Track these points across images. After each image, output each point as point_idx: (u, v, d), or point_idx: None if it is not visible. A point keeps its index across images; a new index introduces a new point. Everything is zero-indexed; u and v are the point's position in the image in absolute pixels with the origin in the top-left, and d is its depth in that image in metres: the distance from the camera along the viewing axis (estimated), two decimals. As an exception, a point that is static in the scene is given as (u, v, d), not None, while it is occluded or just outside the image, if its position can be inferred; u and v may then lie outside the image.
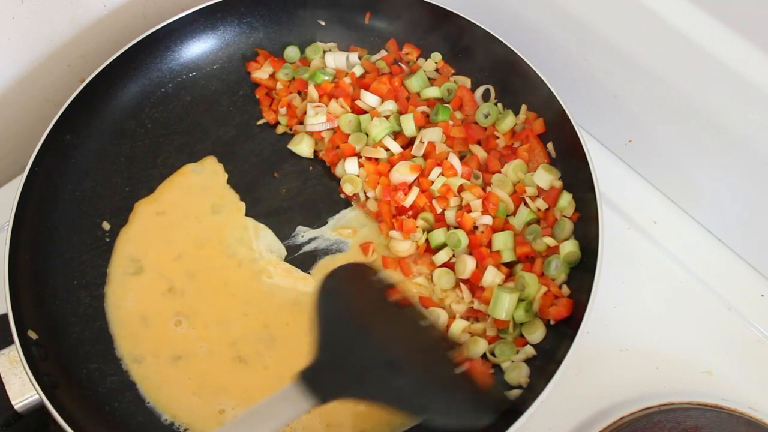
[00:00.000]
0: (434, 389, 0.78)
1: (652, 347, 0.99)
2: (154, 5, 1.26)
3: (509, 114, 1.06)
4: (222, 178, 1.10)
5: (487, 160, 1.05)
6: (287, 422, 0.69)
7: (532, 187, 1.01)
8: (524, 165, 1.03)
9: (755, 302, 1.03)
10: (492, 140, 1.07)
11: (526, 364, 0.91)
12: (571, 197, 0.98)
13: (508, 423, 0.81)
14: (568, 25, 1.06)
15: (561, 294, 0.93)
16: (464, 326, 0.95)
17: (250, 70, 1.19)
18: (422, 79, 1.12)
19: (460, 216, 0.98)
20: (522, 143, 1.05)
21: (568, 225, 0.96)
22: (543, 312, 0.92)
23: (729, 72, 0.87)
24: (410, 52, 1.17)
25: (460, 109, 1.11)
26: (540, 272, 0.94)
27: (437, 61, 1.16)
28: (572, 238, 0.96)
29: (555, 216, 0.99)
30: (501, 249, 0.96)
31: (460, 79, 1.14)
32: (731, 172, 0.99)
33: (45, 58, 1.17)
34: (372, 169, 1.04)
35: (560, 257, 0.94)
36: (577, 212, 0.97)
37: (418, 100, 1.11)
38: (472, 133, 1.06)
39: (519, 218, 0.99)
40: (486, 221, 0.98)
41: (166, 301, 0.99)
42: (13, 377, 0.85)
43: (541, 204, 0.99)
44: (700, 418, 0.90)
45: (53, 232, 1.03)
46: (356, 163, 1.06)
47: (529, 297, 0.92)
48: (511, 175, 1.02)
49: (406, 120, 1.06)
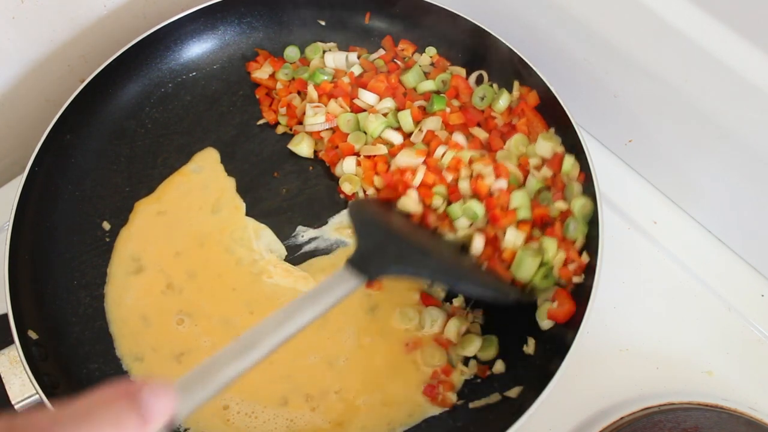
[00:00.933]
0: (463, 270, 0.91)
1: (652, 347, 0.99)
2: (154, 5, 1.26)
3: (504, 92, 1.07)
4: (222, 178, 1.10)
5: (489, 140, 1.06)
6: (343, 297, 0.74)
7: (535, 158, 1.01)
8: (525, 138, 1.04)
9: (755, 302, 1.03)
10: (491, 121, 1.08)
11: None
12: (574, 158, 0.99)
13: (508, 423, 0.82)
14: (569, 25, 1.06)
15: (579, 259, 0.93)
16: (460, 325, 0.95)
17: (250, 70, 1.19)
18: (418, 74, 1.13)
19: (475, 182, 0.98)
20: (519, 118, 1.06)
21: (576, 186, 0.97)
22: (563, 270, 0.93)
23: (729, 72, 0.87)
24: (406, 48, 1.17)
25: (456, 97, 1.11)
26: (561, 235, 0.94)
27: (432, 55, 1.16)
28: (582, 195, 0.96)
29: (563, 180, 0.99)
30: (518, 206, 0.96)
31: (455, 69, 1.14)
32: (731, 172, 0.99)
33: (45, 58, 1.17)
34: (369, 166, 1.04)
35: (575, 215, 0.94)
36: (582, 172, 0.98)
37: (415, 95, 1.12)
38: (470, 116, 1.07)
39: (529, 187, 0.99)
40: (501, 185, 0.97)
41: (167, 299, 1.00)
42: (13, 377, 0.85)
43: (546, 172, 1.00)
44: (700, 418, 0.90)
45: (53, 232, 1.03)
46: (354, 162, 1.06)
47: (549, 262, 0.93)
48: (513, 149, 1.03)
49: (403, 116, 1.07)
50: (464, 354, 0.94)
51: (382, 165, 1.04)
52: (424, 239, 0.95)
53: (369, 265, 0.78)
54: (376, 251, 0.83)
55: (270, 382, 0.94)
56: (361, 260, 0.79)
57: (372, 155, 1.06)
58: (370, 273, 0.78)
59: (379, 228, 0.92)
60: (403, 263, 0.84)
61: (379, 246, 0.84)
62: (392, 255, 0.84)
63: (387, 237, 0.89)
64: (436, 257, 0.90)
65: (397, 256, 0.84)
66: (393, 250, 0.85)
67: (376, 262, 0.81)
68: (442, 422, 0.91)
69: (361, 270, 0.77)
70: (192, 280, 1.01)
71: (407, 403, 0.93)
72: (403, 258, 0.85)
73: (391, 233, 0.91)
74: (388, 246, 0.86)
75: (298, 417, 0.92)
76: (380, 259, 0.82)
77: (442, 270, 0.88)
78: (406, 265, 0.84)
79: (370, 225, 0.91)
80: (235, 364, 0.58)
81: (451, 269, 0.90)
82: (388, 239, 0.88)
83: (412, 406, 0.92)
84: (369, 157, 1.06)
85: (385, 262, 0.82)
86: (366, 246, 0.84)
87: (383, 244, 0.86)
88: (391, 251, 0.85)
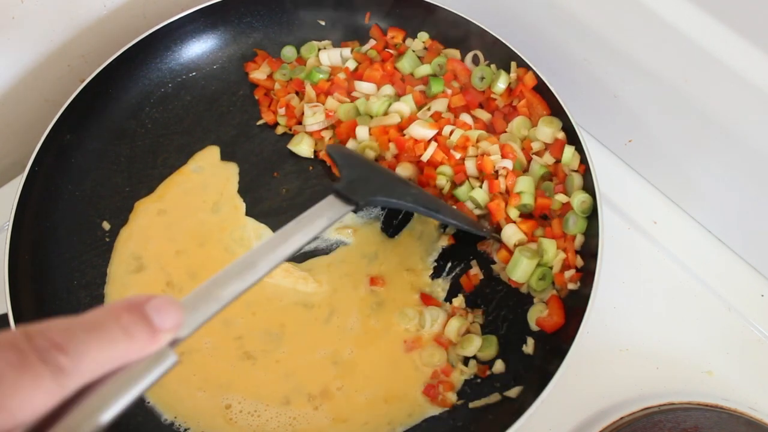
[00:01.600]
0: (441, 202, 0.98)
1: (652, 347, 0.99)
2: (154, 5, 1.25)
3: (501, 73, 1.07)
4: (223, 178, 1.10)
5: (492, 121, 1.07)
6: (333, 221, 0.78)
7: (538, 142, 1.02)
8: (527, 120, 1.05)
9: (755, 302, 1.03)
10: (492, 102, 1.09)
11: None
12: (574, 149, 0.99)
13: (508, 423, 0.82)
14: (569, 25, 1.06)
15: (576, 260, 0.94)
16: (460, 325, 0.95)
17: (249, 71, 1.19)
18: (412, 59, 1.13)
19: (480, 159, 0.99)
20: (520, 99, 1.06)
21: (576, 178, 0.98)
22: (558, 276, 0.94)
23: (729, 72, 0.87)
24: (395, 36, 1.18)
25: (455, 79, 1.12)
26: (560, 233, 0.96)
27: (424, 40, 1.16)
28: (582, 189, 0.97)
29: (563, 171, 1.00)
30: (523, 191, 0.97)
31: (448, 52, 1.15)
32: (731, 172, 0.99)
33: (45, 58, 1.17)
34: (381, 131, 1.05)
35: (575, 210, 0.95)
36: (582, 164, 0.98)
37: (414, 80, 1.12)
38: (471, 98, 1.08)
39: (533, 173, 1.01)
40: (506, 164, 0.99)
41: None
42: (13, 377, 0.85)
43: (549, 158, 1.00)
44: (700, 418, 0.90)
45: (53, 232, 1.03)
46: (367, 131, 1.06)
47: (547, 263, 0.94)
48: (516, 132, 1.04)
49: (406, 101, 1.08)
50: (464, 354, 0.94)
51: (395, 132, 1.04)
52: (401, 177, 1.01)
53: (355, 193, 0.82)
54: (361, 181, 0.87)
55: (272, 381, 0.94)
56: (347, 189, 0.82)
57: (385, 125, 1.05)
58: (356, 200, 0.81)
59: (361, 163, 0.98)
60: (386, 191, 0.89)
61: (363, 177, 0.89)
62: (376, 184, 0.89)
63: (369, 170, 0.95)
64: (420, 188, 0.97)
65: (381, 185, 0.90)
66: (377, 180, 0.91)
67: (362, 191, 0.84)
68: (442, 422, 0.91)
69: (347, 198, 0.81)
70: (192, 279, 1.01)
71: (407, 402, 0.93)
72: (386, 186, 0.91)
73: (372, 167, 0.98)
74: (372, 177, 0.92)
75: (300, 416, 0.92)
76: (365, 187, 0.86)
77: (423, 199, 0.93)
78: (390, 194, 0.89)
79: (352, 159, 0.97)
80: (235, 283, 0.59)
81: (431, 200, 0.96)
82: (371, 172, 0.95)
83: (412, 406, 0.92)
84: (382, 128, 1.05)
85: (370, 191, 0.86)
86: (351, 176, 0.88)
87: (367, 175, 0.91)
88: (375, 181, 0.90)
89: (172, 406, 0.92)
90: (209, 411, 0.92)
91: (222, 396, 0.93)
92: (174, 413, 0.92)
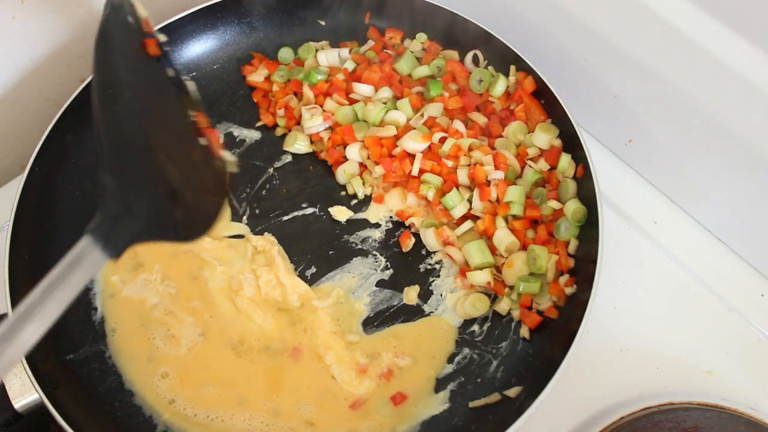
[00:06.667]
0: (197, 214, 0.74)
1: (652, 347, 0.99)
2: (154, 5, 1.25)
3: (500, 77, 1.07)
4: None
5: (488, 125, 1.07)
6: (86, 282, 0.62)
7: (534, 148, 1.02)
8: (524, 126, 1.05)
9: (755, 302, 1.03)
10: (489, 105, 1.08)
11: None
12: (570, 158, 0.99)
13: (508, 423, 0.82)
14: (568, 25, 1.06)
15: (568, 263, 0.95)
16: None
17: (245, 74, 1.18)
18: (410, 60, 1.13)
19: (473, 168, 0.99)
20: (517, 104, 1.06)
21: (571, 185, 0.98)
22: (553, 286, 0.94)
23: (729, 72, 0.87)
24: (393, 36, 1.17)
25: (453, 81, 1.11)
26: (550, 239, 0.96)
27: (423, 41, 1.16)
28: (576, 197, 0.97)
29: (558, 178, 1.00)
30: (513, 200, 0.97)
31: (447, 54, 1.14)
32: (731, 172, 0.99)
33: (45, 58, 1.17)
34: (375, 142, 1.05)
35: (567, 217, 0.95)
36: (582, 165, 0.98)
37: (412, 82, 1.12)
38: (469, 101, 1.08)
39: (525, 179, 1.01)
40: (498, 175, 0.99)
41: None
42: (13, 377, 0.85)
43: (543, 165, 1.01)
44: (700, 418, 0.90)
45: (53, 232, 1.03)
46: (357, 149, 1.06)
47: (541, 269, 0.94)
48: (512, 137, 1.04)
49: (402, 105, 1.07)
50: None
51: (389, 141, 1.05)
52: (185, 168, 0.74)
53: (115, 235, 0.61)
54: (126, 213, 0.64)
55: (277, 379, 0.95)
56: (107, 229, 0.62)
57: (380, 136, 1.05)
58: (118, 246, 0.62)
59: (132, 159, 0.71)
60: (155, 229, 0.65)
61: (130, 204, 0.64)
62: (144, 216, 0.64)
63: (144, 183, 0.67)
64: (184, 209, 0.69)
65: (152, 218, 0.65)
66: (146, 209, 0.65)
67: (125, 229, 0.62)
68: (442, 421, 0.91)
69: (105, 242, 0.61)
70: (191, 279, 1.01)
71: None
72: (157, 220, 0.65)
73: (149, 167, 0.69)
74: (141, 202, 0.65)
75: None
76: (130, 224, 0.63)
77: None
78: (157, 232, 0.66)
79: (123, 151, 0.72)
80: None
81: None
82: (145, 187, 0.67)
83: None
84: (375, 140, 1.05)
85: (135, 228, 0.63)
86: (115, 207, 0.65)
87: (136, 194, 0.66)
88: (143, 211, 0.64)
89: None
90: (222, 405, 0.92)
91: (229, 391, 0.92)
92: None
